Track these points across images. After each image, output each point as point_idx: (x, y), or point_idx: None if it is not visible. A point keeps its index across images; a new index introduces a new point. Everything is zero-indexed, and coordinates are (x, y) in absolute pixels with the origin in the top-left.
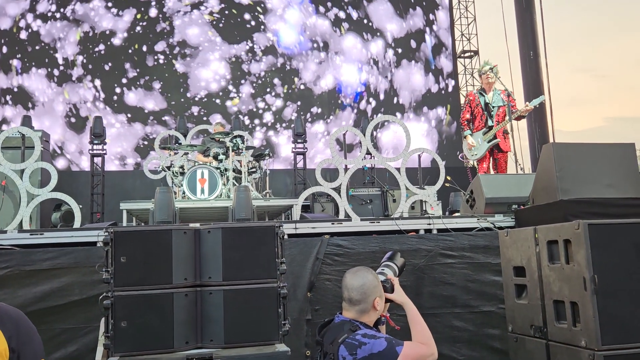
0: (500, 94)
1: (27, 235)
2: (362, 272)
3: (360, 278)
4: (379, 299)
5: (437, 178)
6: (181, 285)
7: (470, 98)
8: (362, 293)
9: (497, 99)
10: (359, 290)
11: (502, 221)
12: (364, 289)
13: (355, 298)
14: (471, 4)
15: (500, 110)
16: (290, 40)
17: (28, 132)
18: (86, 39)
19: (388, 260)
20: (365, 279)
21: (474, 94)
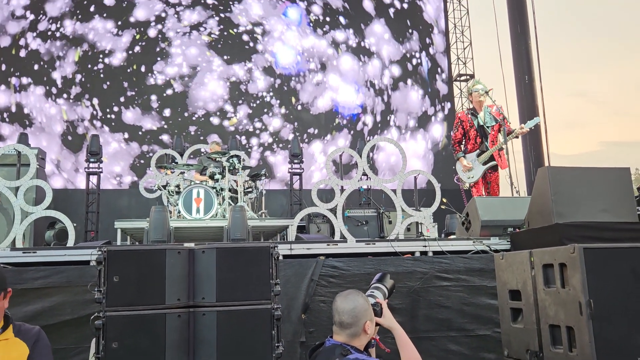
0: (490, 111)
1: (20, 254)
2: (353, 296)
3: (351, 301)
4: (369, 322)
5: (433, 200)
6: (174, 306)
7: (462, 119)
8: (353, 317)
9: (489, 118)
10: (350, 313)
11: (498, 244)
12: (355, 313)
13: (346, 322)
14: (467, 29)
15: (494, 130)
16: (288, 61)
17: (24, 149)
18: (85, 58)
19: (378, 282)
20: (356, 303)
21: (465, 115)
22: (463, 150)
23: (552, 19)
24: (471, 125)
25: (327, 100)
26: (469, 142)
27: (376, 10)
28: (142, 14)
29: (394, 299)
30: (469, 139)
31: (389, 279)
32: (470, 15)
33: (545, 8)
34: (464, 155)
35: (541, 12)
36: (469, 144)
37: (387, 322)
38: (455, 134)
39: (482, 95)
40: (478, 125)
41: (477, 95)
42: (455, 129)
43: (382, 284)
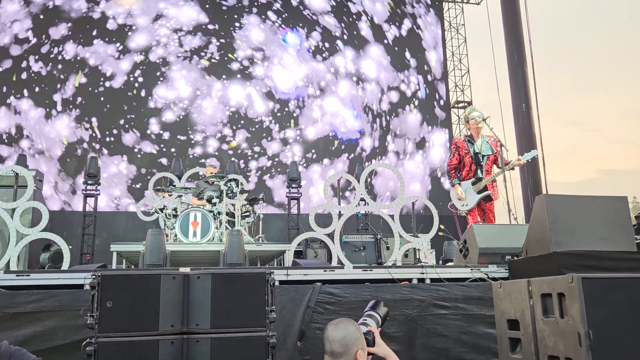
0: (487, 141)
1: (13, 277)
2: (344, 324)
3: (342, 330)
4: (361, 351)
5: (430, 226)
6: (167, 333)
7: (459, 145)
8: (344, 345)
9: (485, 147)
10: (341, 342)
11: (496, 272)
12: (346, 342)
13: (337, 351)
14: (465, 57)
15: (490, 160)
16: (287, 86)
17: (22, 171)
18: (85, 81)
19: (371, 310)
20: (347, 331)
21: (462, 141)
22: (458, 177)
23: (549, 47)
24: (467, 152)
25: (326, 125)
26: (463, 168)
27: (374, 37)
28: (143, 39)
29: (391, 326)
30: (464, 165)
31: (382, 307)
32: (468, 44)
33: (542, 37)
34: (459, 182)
35: (538, 41)
36: (463, 170)
37: (381, 350)
38: (451, 159)
39: (479, 123)
40: (474, 153)
41: (475, 122)
42: (451, 155)
43: (375, 312)
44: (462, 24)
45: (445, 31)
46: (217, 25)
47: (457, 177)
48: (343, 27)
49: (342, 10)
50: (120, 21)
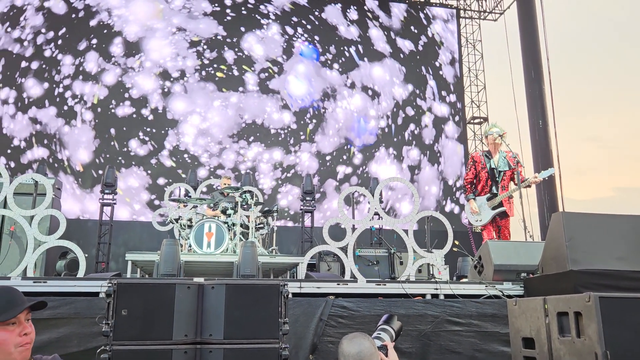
0: (505, 157)
1: (31, 283)
2: (359, 339)
3: (357, 345)
4: None
5: (445, 242)
6: (181, 342)
7: (476, 160)
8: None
9: (502, 163)
10: (356, 357)
11: (511, 289)
12: (361, 357)
13: None
14: (481, 73)
15: (506, 176)
16: (302, 98)
17: (41, 179)
18: (107, 93)
19: (385, 324)
20: (362, 346)
21: (479, 156)
22: (474, 191)
23: (566, 63)
24: (483, 167)
25: (341, 138)
26: (479, 183)
27: (390, 51)
28: (160, 51)
29: (404, 342)
30: (480, 180)
31: (396, 321)
32: (485, 60)
33: (560, 53)
34: (474, 197)
35: (555, 57)
36: (479, 185)
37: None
38: (467, 174)
39: (496, 138)
40: (490, 168)
41: (492, 138)
42: (467, 169)
43: (389, 326)
44: (479, 40)
45: (462, 47)
46: (234, 37)
47: (473, 192)
48: (359, 40)
49: (359, 24)
50: (140, 34)
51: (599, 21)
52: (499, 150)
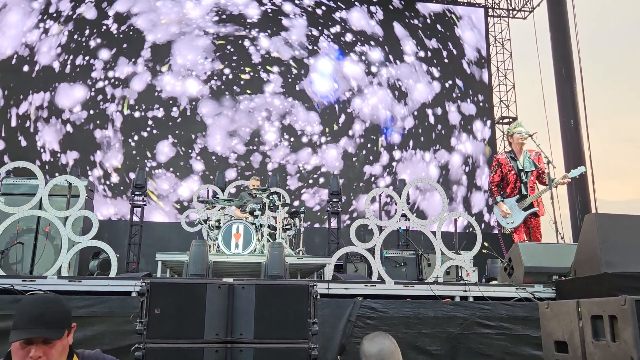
0: (529, 156)
1: (66, 282)
2: (379, 338)
3: (377, 344)
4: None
5: (473, 243)
6: (212, 341)
7: (501, 162)
8: (380, 359)
9: (528, 163)
10: (377, 356)
11: (542, 292)
12: (382, 355)
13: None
14: (510, 72)
15: (533, 175)
16: (326, 91)
17: (75, 181)
18: (135, 100)
19: None
20: (383, 345)
21: (504, 158)
22: (501, 194)
23: (599, 61)
24: (510, 169)
25: (367, 138)
26: (507, 186)
27: (418, 49)
28: (187, 54)
29: (432, 344)
30: (508, 182)
31: None
32: (514, 59)
33: (592, 51)
34: (502, 200)
35: (587, 55)
36: (507, 188)
37: None
38: (493, 176)
39: (524, 139)
40: (517, 169)
41: (520, 137)
42: (493, 172)
43: None
44: (508, 39)
45: (490, 46)
46: (259, 38)
47: (500, 194)
48: (384, 39)
49: (384, 24)
50: (168, 37)
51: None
52: (523, 150)
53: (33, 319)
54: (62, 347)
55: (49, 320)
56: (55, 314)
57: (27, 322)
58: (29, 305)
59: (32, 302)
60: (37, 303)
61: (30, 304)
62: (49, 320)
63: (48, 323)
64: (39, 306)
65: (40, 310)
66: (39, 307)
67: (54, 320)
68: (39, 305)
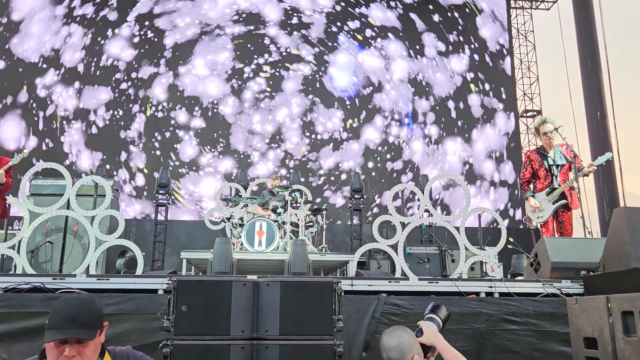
0: (560, 150)
1: (95, 280)
2: (398, 332)
3: (396, 338)
4: (417, 356)
5: (498, 239)
6: (238, 338)
7: (532, 158)
8: (399, 352)
9: (559, 157)
10: (397, 349)
11: (570, 287)
12: (401, 348)
13: (394, 358)
14: (534, 64)
15: (565, 169)
16: (344, 85)
17: (101, 181)
18: (158, 101)
19: (431, 313)
20: (401, 338)
21: (534, 154)
22: (531, 189)
23: (626, 52)
24: (540, 165)
25: (389, 134)
26: (538, 181)
27: (439, 42)
28: (208, 54)
29: (458, 340)
30: (539, 178)
31: (443, 309)
32: (537, 51)
33: (617, 40)
34: (533, 194)
35: (613, 45)
36: (538, 183)
37: (427, 339)
38: (523, 173)
39: (551, 139)
40: (548, 165)
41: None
42: (523, 169)
43: (435, 315)
44: (531, 31)
45: (512, 38)
46: (279, 36)
47: (530, 190)
48: (404, 33)
49: (403, 19)
50: (189, 38)
51: None
52: (554, 145)
53: (67, 319)
54: (95, 346)
55: (82, 321)
56: (88, 314)
57: (61, 322)
58: (63, 306)
59: (66, 303)
60: (71, 304)
61: (65, 304)
62: (82, 320)
63: (82, 323)
64: (72, 307)
65: (74, 311)
66: (72, 308)
67: (87, 321)
68: (73, 306)
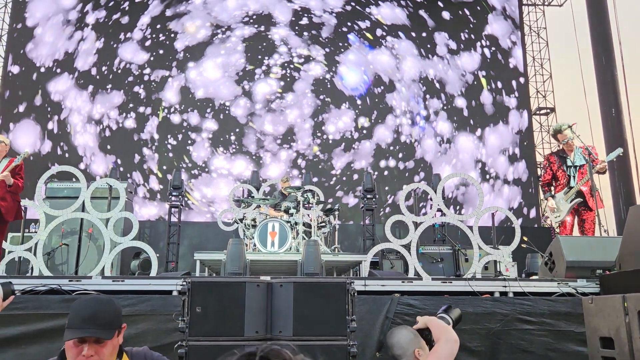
0: (581, 152)
1: (110, 282)
2: (397, 330)
3: (395, 336)
4: (419, 349)
5: (512, 238)
6: (252, 338)
7: (551, 161)
8: (400, 348)
9: (578, 158)
10: (397, 346)
11: (586, 287)
12: (401, 344)
13: (397, 353)
14: (547, 61)
15: (583, 169)
16: (355, 83)
17: (115, 183)
18: (170, 104)
19: (443, 313)
20: (400, 335)
21: (554, 157)
22: (551, 191)
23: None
24: (559, 166)
25: (400, 133)
26: (557, 183)
27: (449, 39)
28: (218, 57)
29: (472, 340)
30: (558, 180)
31: (454, 310)
32: (550, 48)
33: (632, 35)
34: (552, 195)
35: (627, 41)
36: (557, 184)
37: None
38: (543, 175)
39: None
40: (566, 166)
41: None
42: (543, 171)
43: (446, 314)
44: (544, 27)
45: (525, 36)
46: (289, 38)
47: (550, 191)
48: (415, 33)
49: (413, 18)
50: (199, 40)
51: None
52: (575, 148)
53: (86, 319)
54: (113, 347)
55: (101, 321)
56: (107, 314)
57: (80, 322)
58: (83, 306)
59: (86, 303)
60: (90, 304)
61: (84, 304)
62: (101, 320)
63: (100, 323)
64: (92, 307)
65: (93, 311)
66: (92, 308)
67: (105, 321)
68: (92, 306)
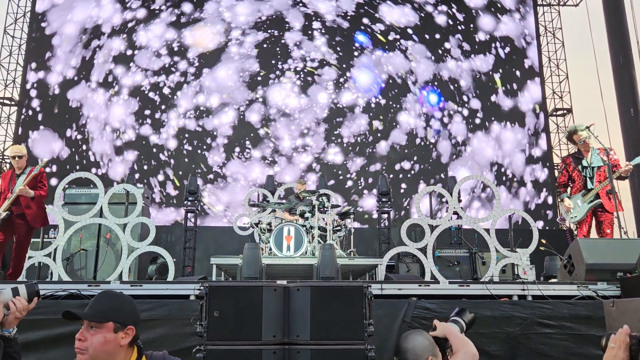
0: (599, 153)
1: (128, 287)
2: (412, 335)
3: (410, 341)
4: (432, 357)
5: (529, 240)
6: (270, 343)
7: (567, 162)
8: (414, 354)
9: (596, 159)
10: (412, 352)
11: (606, 290)
12: (415, 350)
13: (410, 359)
14: (563, 62)
15: (601, 170)
16: (367, 85)
17: (132, 189)
18: (186, 111)
19: (455, 316)
20: (415, 341)
21: (570, 159)
22: (566, 191)
23: None
24: (575, 168)
25: (415, 135)
26: (573, 184)
27: (463, 41)
28: (232, 63)
29: (491, 344)
30: (574, 181)
31: (467, 313)
32: (566, 48)
33: None
34: (568, 196)
35: None
36: (574, 186)
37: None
38: (559, 177)
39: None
40: (582, 167)
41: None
42: (559, 173)
43: (460, 318)
44: (559, 28)
45: (540, 36)
46: (303, 41)
47: (565, 192)
48: (429, 35)
49: (427, 17)
50: (213, 46)
51: None
52: (591, 149)
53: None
54: (105, 340)
55: (97, 307)
56: (106, 305)
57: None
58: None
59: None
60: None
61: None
62: (98, 307)
63: (96, 309)
64: (99, 296)
65: (97, 298)
66: (98, 296)
67: (101, 309)
68: (101, 296)
